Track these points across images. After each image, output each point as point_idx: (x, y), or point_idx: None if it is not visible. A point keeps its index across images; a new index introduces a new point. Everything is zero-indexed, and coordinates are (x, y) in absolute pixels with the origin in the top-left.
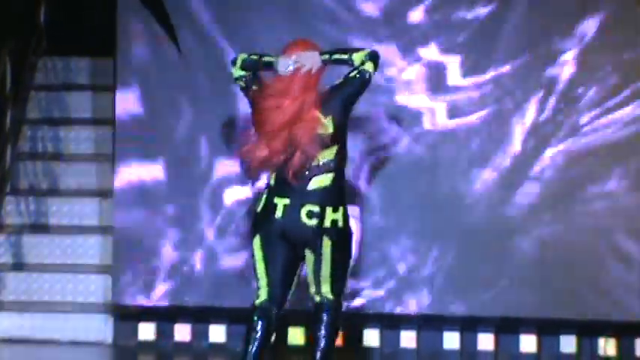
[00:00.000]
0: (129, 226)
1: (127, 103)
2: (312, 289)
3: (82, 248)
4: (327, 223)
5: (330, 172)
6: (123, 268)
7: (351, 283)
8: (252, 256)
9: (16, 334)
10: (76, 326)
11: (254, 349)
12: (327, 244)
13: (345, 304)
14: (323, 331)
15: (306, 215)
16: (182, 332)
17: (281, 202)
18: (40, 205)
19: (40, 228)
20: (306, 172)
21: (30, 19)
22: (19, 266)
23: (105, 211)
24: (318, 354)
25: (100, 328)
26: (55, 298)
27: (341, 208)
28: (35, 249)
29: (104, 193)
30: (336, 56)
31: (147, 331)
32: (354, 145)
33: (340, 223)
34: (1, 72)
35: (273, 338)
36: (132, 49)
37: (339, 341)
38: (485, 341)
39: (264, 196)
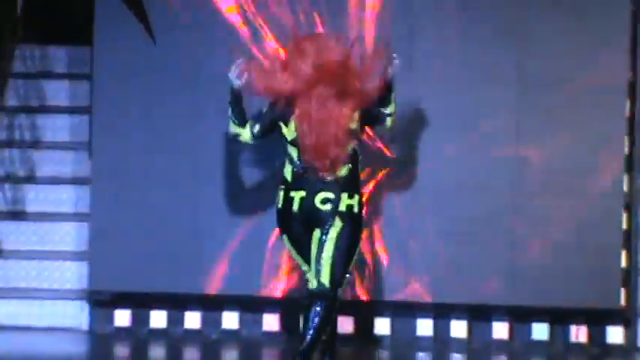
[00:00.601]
0: (105, 213)
1: (104, 91)
2: (311, 272)
3: (59, 235)
4: (343, 207)
5: (347, 162)
6: (99, 254)
7: None
8: (288, 250)
9: None
10: (53, 312)
11: (320, 327)
12: (337, 224)
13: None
14: (315, 321)
15: (320, 202)
16: (157, 319)
17: (297, 195)
18: (16, 192)
19: (16, 215)
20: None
21: (7, 6)
22: None
23: (81, 199)
24: (308, 339)
25: (76, 315)
26: (32, 285)
27: (356, 196)
28: (12, 235)
29: (80, 180)
30: (391, 94)
31: (123, 317)
32: None
33: (355, 209)
34: None
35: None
36: (109, 37)
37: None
38: (459, 328)
39: (282, 192)
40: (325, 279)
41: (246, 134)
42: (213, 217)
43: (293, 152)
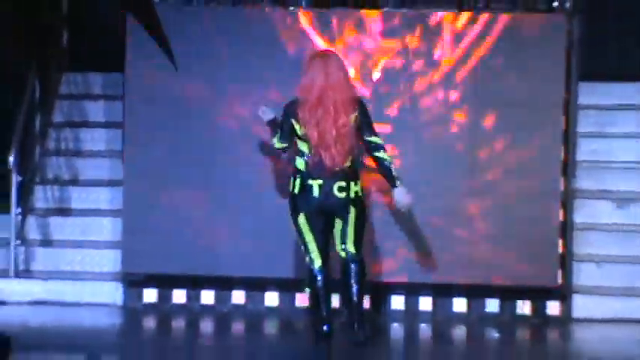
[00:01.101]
0: (135, 210)
1: (134, 109)
2: (338, 247)
3: (97, 228)
4: (352, 194)
5: (349, 155)
6: (130, 243)
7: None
8: (298, 231)
9: (44, 297)
10: (93, 291)
11: (325, 299)
12: (352, 211)
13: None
14: (354, 277)
15: (338, 190)
16: (179, 296)
17: (316, 183)
18: (63, 192)
19: (63, 211)
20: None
21: (54, 41)
22: (45, 242)
23: (115, 198)
24: (355, 295)
25: (112, 293)
26: (75, 268)
27: (359, 182)
28: (59, 228)
29: (115, 183)
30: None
31: (150, 295)
32: None
33: (360, 193)
34: (31, 85)
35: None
36: (138, 64)
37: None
38: (425, 303)
39: (298, 180)
40: (352, 249)
41: (277, 143)
42: (223, 212)
43: (303, 146)
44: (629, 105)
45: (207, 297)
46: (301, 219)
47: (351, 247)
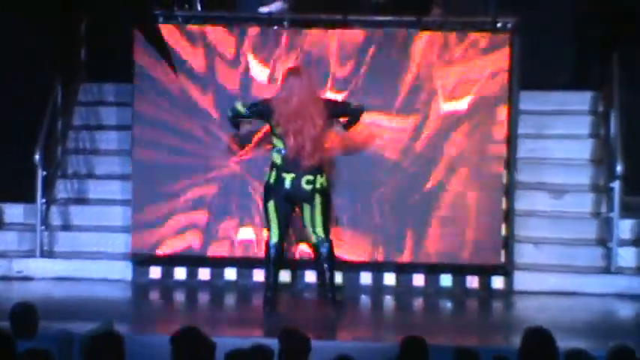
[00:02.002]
0: (142, 200)
1: (141, 114)
2: (310, 234)
3: (110, 214)
4: (318, 185)
5: (321, 155)
6: (138, 228)
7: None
8: (266, 212)
9: (65, 274)
10: (106, 268)
11: (274, 270)
12: (318, 199)
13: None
14: (327, 261)
15: (305, 182)
16: (179, 273)
17: (288, 177)
18: (81, 185)
19: (81, 200)
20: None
21: (74, 57)
22: (66, 227)
23: (126, 189)
24: (328, 277)
25: (123, 270)
26: (92, 249)
27: (325, 175)
28: (78, 215)
29: (125, 177)
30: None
31: (155, 272)
32: None
33: (325, 185)
34: (54, 93)
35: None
36: (145, 75)
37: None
38: (390, 279)
39: (274, 172)
40: (322, 234)
41: (239, 107)
42: (217, 201)
43: (279, 143)
44: (562, 110)
45: (204, 274)
46: (271, 205)
47: (320, 232)
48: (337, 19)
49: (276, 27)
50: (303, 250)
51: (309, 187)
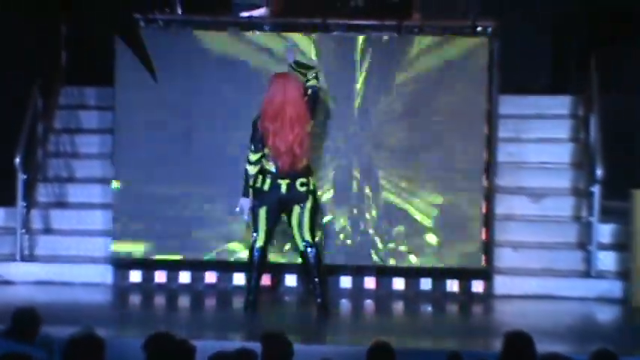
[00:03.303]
0: (123, 203)
1: (122, 118)
2: (297, 239)
3: (91, 218)
4: (312, 187)
5: (303, 159)
6: (119, 232)
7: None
8: (255, 217)
9: (45, 278)
10: (86, 272)
11: (256, 274)
12: (310, 200)
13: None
14: (312, 261)
15: (300, 185)
16: (160, 276)
17: (284, 182)
18: (61, 188)
19: (62, 204)
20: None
21: (54, 60)
22: (47, 231)
23: (107, 193)
24: (315, 275)
25: (103, 274)
26: (72, 253)
27: (313, 177)
28: (58, 219)
29: (106, 180)
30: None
31: (135, 275)
32: None
33: (314, 187)
34: (34, 97)
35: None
36: (126, 79)
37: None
38: (369, 282)
39: (268, 179)
40: (309, 238)
41: (252, 157)
42: (197, 205)
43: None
44: (541, 114)
45: (185, 277)
46: (263, 211)
47: (307, 236)
48: (317, 22)
49: (257, 32)
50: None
51: (303, 189)
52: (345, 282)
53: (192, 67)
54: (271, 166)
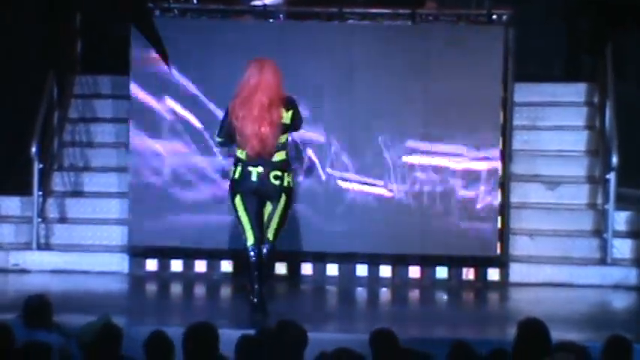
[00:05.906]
0: (139, 192)
1: (137, 107)
2: (248, 232)
3: (107, 207)
4: (285, 183)
5: (284, 149)
6: (135, 221)
7: None
8: (235, 211)
9: (61, 267)
10: (103, 261)
11: (256, 273)
12: (283, 198)
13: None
14: (265, 262)
15: (274, 177)
16: (176, 265)
17: (255, 170)
18: (77, 177)
19: (77, 193)
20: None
21: (70, 49)
22: (63, 220)
23: (122, 182)
24: (260, 278)
25: (120, 263)
26: (88, 242)
27: (291, 174)
28: (74, 208)
29: (122, 169)
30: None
31: (152, 264)
32: None
33: (291, 184)
34: (50, 86)
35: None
36: (141, 68)
37: None
38: (385, 270)
39: (239, 167)
40: (271, 236)
41: (216, 137)
42: (212, 195)
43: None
44: (556, 102)
45: (201, 266)
46: (237, 199)
47: (270, 235)
48: (332, 11)
49: (271, 20)
50: None
51: (277, 183)
52: (361, 270)
53: (206, 56)
54: (242, 153)
